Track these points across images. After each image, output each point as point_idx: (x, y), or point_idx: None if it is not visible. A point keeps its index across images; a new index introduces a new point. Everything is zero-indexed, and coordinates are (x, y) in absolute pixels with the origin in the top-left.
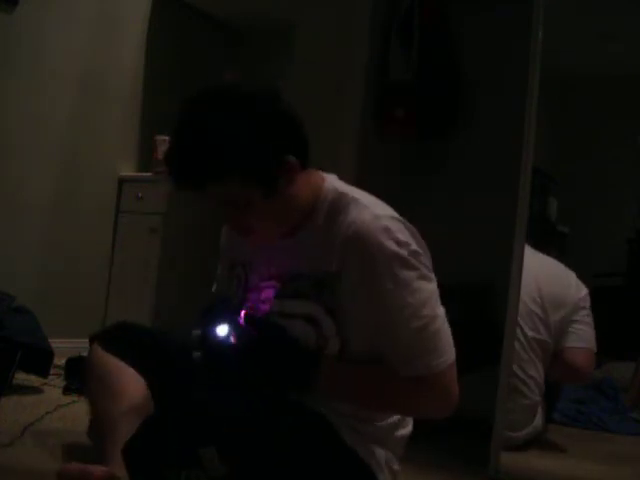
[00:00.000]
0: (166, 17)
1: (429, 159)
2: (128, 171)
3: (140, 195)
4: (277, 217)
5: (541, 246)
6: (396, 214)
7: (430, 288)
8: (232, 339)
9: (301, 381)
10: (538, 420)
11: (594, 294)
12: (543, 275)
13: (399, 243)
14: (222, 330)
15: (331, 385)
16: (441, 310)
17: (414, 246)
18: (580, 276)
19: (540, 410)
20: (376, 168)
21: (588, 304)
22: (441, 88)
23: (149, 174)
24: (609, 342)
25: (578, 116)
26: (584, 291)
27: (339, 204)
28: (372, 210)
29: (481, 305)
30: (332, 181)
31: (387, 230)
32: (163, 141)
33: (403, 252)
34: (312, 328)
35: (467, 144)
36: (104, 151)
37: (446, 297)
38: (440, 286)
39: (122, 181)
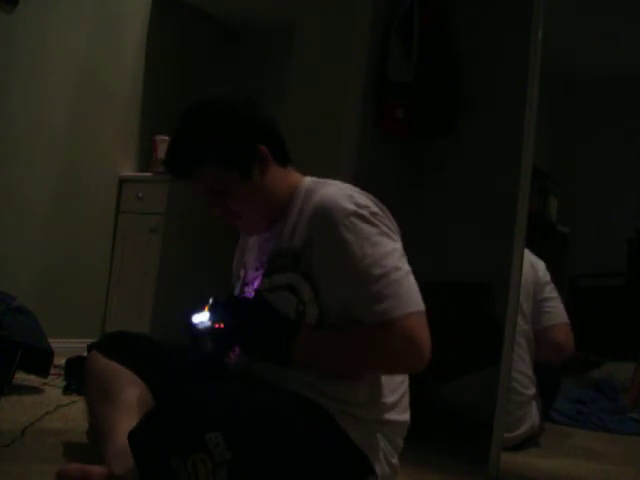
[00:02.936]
0: (166, 17)
1: (428, 159)
2: (128, 171)
3: (140, 195)
4: (256, 204)
5: (539, 245)
6: (366, 193)
7: (392, 245)
8: (208, 322)
9: (280, 346)
10: (535, 417)
11: (594, 294)
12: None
13: (359, 205)
14: (201, 317)
15: (307, 349)
16: (406, 266)
17: (375, 208)
18: (580, 276)
19: (535, 404)
20: (376, 168)
21: (549, 277)
22: (441, 88)
23: (149, 174)
24: (609, 342)
25: (578, 116)
26: (541, 265)
27: (312, 190)
28: (339, 185)
29: (480, 304)
30: (310, 178)
31: (349, 196)
32: (163, 141)
33: (363, 211)
34: (293, 296)
35: (467, 144)
36: (104, 151)
37: (445, 296)
38: (439, 285)
39: (122, 181)
